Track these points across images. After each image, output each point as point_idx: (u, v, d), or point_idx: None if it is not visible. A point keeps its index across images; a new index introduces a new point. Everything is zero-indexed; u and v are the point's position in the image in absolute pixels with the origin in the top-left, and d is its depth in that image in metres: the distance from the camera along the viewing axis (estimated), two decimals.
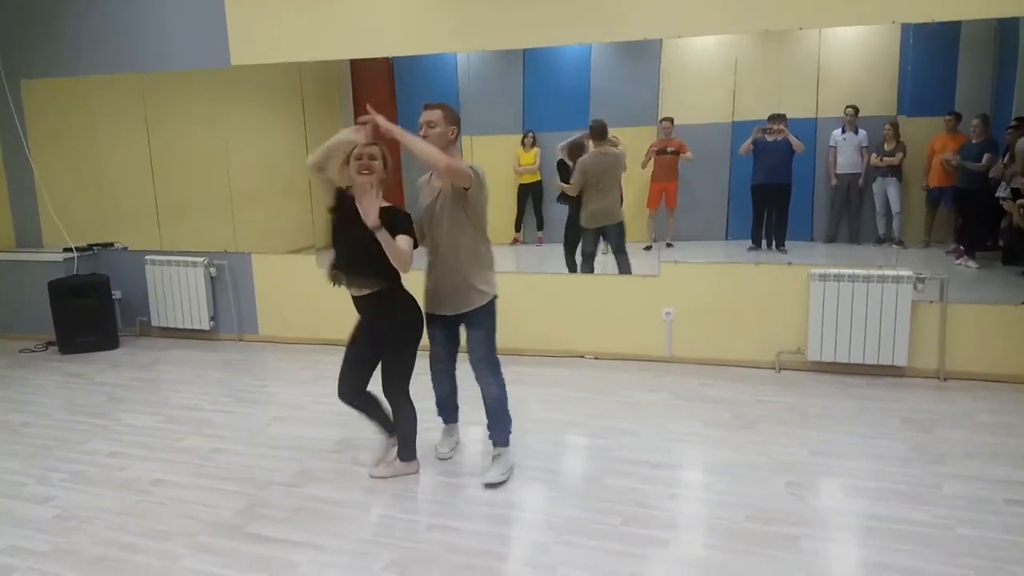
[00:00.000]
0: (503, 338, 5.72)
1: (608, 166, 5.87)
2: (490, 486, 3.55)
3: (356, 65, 6.26)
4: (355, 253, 3.34)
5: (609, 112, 6.49)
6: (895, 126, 5.58)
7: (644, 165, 6.29)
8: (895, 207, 5.76)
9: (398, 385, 3.58)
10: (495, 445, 3.68)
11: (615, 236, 5.86)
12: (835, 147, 5.90)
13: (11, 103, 6.57)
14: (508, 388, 3.66)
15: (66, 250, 6.45)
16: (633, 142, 6.26)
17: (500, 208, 6.97)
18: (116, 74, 6.30)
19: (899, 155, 5.63)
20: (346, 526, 3.24)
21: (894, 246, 5.64)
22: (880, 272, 4.80)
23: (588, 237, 5.90)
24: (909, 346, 4.78)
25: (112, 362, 5.90)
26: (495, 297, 3.57)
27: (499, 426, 3.66)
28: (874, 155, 5.73)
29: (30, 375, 5.64)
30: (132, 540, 3.18)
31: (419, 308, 3.53)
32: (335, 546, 3.08)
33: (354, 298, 3.47)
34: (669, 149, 6.19)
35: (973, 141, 5.42)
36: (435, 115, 3.41)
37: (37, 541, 3.20)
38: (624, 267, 5.75)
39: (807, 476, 3.57)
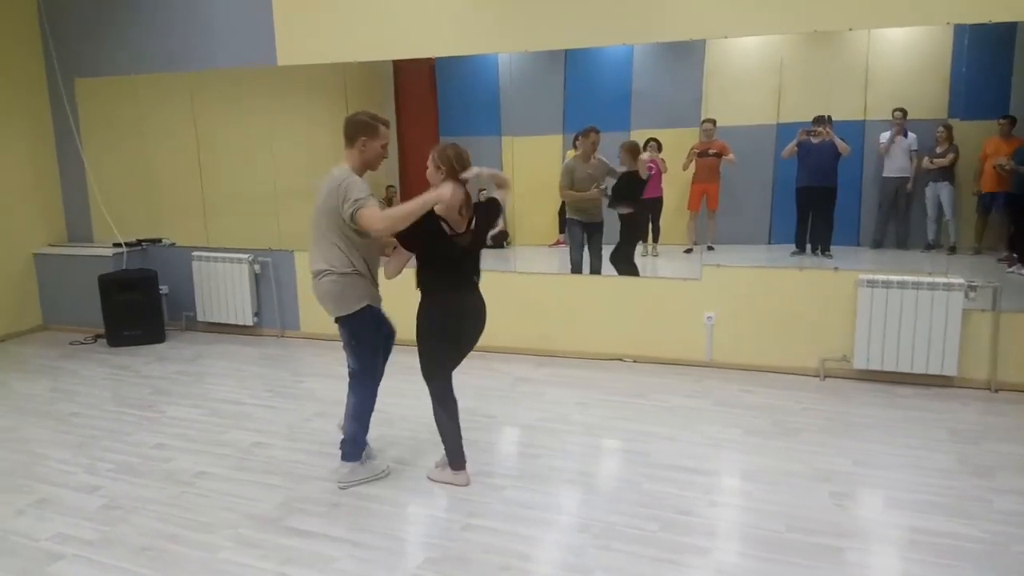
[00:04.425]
0: (542, 339, 5.69)
1: None
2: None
3: (399, 65, 6.31)
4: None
5: (651, 114, 6.46)
6: (948, 128, 5.44)
7: (685, 167, 6.24)
8: (948, 212, 5.62)
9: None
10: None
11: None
12: (884, 144, 5.78)
13: (65, 101, 6.75)
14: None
15: (115, 245, 6.61)
16: (675, 144, 6.21)
17: (542, 210, 6.96)
18: (165, 73, 6.44)
19: (951, 156, 5.49)
20: (383, 523, 3.26)
21: (944, 253, 5.50)
22: (931, 279, 4.66)
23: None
24: (959, 356, 4.64)
25: (158, 355, 6.02)
26: None
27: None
28: (925, 158, 5.59)
29: (79, 367, 5.78)
30: (175, 531, 3.24)
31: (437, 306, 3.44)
32: (372, 542, 3.10)
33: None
34: (711, 151, 6.12)
35: None
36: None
37: (84, 529, 3.28)
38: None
39: (850, 486, 3.49)
